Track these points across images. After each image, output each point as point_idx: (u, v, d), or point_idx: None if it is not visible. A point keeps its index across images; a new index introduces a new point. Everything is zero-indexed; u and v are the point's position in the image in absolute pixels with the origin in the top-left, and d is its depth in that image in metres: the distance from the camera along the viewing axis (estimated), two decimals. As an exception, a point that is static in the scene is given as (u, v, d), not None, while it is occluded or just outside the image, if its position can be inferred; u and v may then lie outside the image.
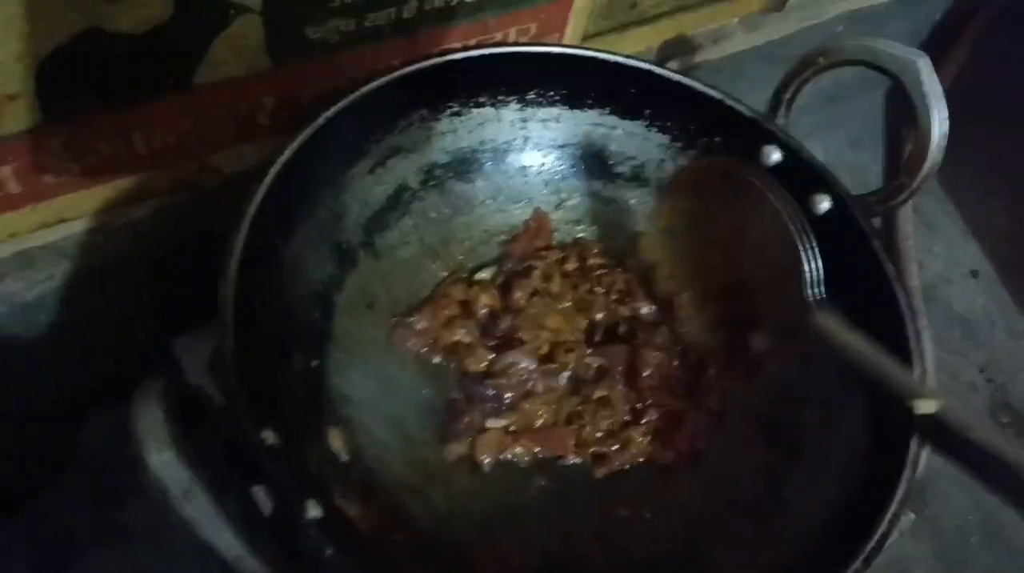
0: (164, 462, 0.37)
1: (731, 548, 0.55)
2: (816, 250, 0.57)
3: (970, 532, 0.89)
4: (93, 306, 0.64)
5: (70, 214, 0.57)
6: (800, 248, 0.56)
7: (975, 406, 0.97)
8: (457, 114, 0.64)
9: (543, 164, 0.68)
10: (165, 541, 0.56)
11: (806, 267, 0.56)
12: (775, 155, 0.64)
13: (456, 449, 0.57)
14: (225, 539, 0.37)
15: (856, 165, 1.10)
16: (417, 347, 0.61)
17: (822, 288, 0.57)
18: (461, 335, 0.61)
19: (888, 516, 0.48)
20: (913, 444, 0.51)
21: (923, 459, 0.79)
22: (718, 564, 0.54)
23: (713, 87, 0.65)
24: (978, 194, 1.12)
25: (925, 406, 0.49)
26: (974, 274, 1.08)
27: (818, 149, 0.90)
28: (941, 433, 0.50)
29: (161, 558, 0.55)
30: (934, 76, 0.59)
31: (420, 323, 0.61)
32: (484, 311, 0.63)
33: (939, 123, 0.58)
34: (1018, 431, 0.97)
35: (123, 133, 0.55)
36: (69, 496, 0.61)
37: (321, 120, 0.55)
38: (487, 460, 0.57)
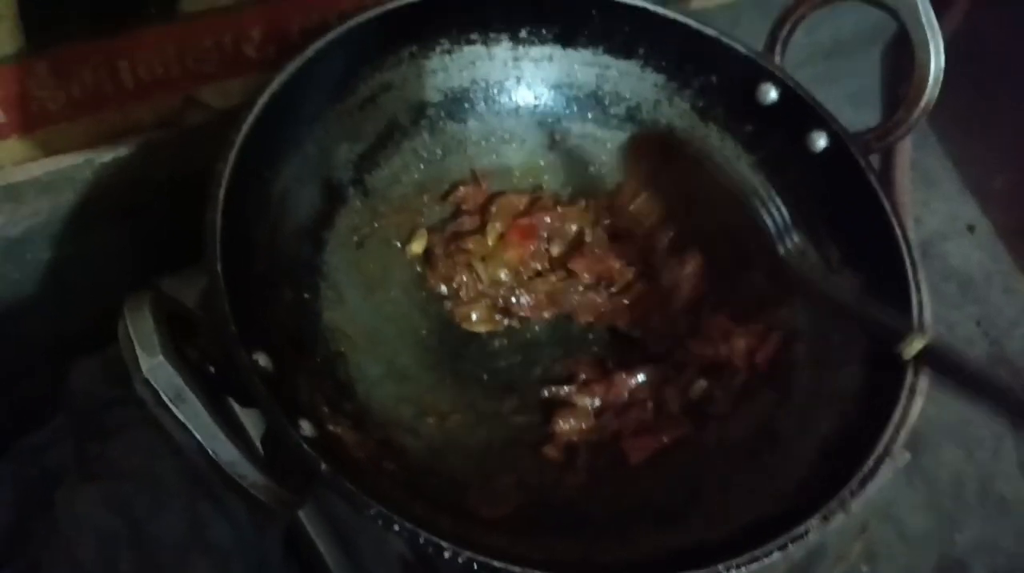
0: (155, 365, 0.36)
1: (728, 489, 0.54)
2: (778, 202, 0.56)
3: (963, 482, 0.89)
4: (80, 245, 0.63)
5: (56, 147, 0.57)
6: (759, 209, 0.57)
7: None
8: (448, 51, 0.63)
9: (536, 104, 0.67)
10: (151, 476, 0.56)
11: (770, 225, 0.56)
12: (772, 94, 0.63)
13: None
14: (221, 446, 0.36)
15: (855, 122, 1.09)
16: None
17: (792, 236, 0.57)
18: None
19: (885, 439, 0.48)
20: (910, 372, 0.51)
21: (918, 405, 0.80)
22: (715, 505, 0.54)
23: (708, 25, 0.64)
24: (976, 151, 1.11)
25: (916, 343, 0.49)
26: (971, 229, 1.07)
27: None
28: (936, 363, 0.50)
29: (146, 492, 0.54)
30: (931, 9, 0.58)
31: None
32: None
33: (936, 56, 0.58)
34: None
35: (109, 61, 0.54)
36: (55, 434, 0.61)
37: (310, 52, 0.55)
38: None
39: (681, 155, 0.64)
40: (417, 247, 0.62)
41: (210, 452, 0.36)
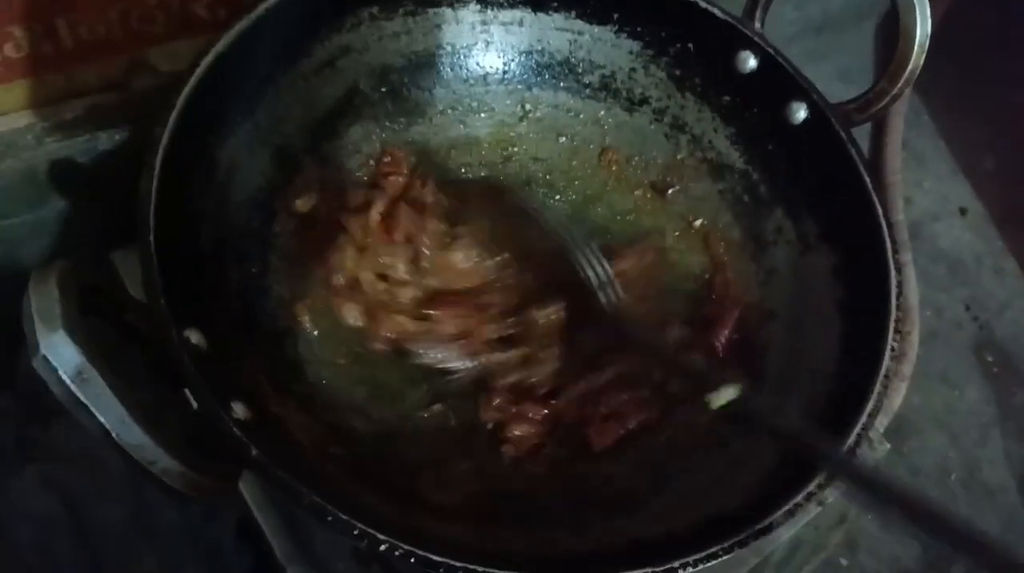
0: (55, 341, 0.33)
1: (696, 475, 0.52)
2: (598, 257, 0.53)
3: (949, 470, 0.87)
4: (33, 216, 0.60)
5: (-7, 110, 0.54)
6: (579, 262, 0.53)
7: (960, 343, 0.95)
8: (411, 13, 0.59)
9: (506, 72, 0.64)
10: (94, 460, 0.53)
11: (592, 276, 0.53)
12: (751, 62, 0.60)
13: None
14: (127, 429, 0.34)
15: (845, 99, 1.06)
16: None
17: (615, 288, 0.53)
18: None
19: (857, 427, 0.45)
20: (885, 358, 0.48)
21: (900, 392, 0.77)
22: (683, 493, 0.51)
23: (686, -11, 0.61)
24: (969, 132, 1.08)
25: (723, 396, 0.47)
26: (962, 211, 1.05)
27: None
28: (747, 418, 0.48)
29: (88, 476, 0.52)
30: (916, -26, 0.55)
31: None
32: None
33: (922, 23, 0.55)
34: (1002, 369, 0.94)
35: (45, 20, 0.51)
36: (-3, 418, 0.58)
37: (260, 11, 0.52)
38: None
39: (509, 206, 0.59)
40: (302, 206, 0.56)
41: (113, 435, 0.33)
